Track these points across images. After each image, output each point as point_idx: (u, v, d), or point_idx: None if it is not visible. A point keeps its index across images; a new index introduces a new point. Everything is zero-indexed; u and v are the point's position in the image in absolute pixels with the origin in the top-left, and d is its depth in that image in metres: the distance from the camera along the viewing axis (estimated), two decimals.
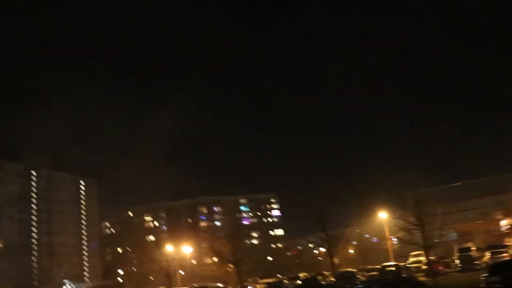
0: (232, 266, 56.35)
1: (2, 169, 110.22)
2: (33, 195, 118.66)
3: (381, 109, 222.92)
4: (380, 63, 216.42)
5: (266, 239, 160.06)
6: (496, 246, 50.65)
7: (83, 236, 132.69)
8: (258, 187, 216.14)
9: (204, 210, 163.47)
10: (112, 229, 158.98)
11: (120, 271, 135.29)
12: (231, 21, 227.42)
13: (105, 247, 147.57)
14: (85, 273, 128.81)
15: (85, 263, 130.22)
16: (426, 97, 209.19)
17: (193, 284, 66.96)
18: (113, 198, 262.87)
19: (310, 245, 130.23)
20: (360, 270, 55.55)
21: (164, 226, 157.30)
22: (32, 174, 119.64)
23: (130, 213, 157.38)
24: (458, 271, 46.99)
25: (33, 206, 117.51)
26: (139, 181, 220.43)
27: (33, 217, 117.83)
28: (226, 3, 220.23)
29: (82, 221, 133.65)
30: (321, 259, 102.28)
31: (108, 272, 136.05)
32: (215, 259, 68.59)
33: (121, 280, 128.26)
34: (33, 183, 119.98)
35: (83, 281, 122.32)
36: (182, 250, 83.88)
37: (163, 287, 73.97)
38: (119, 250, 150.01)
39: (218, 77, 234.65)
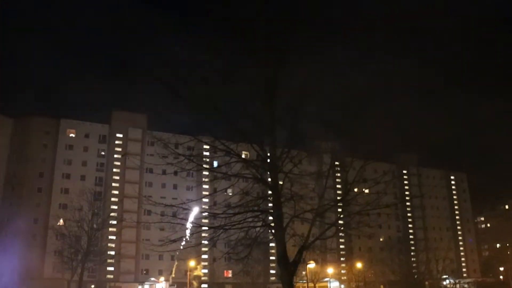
0: None
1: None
2: (406, 192, 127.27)
3: None
4: None
5: None
6: None
7: (458, 231, 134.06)
8: None
9: None
10: (487, 224, 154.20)
11: (501, 268, 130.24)
12: None
13: (482, 242, 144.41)
14: (463, 269, 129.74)
15: (462, 258, 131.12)
16: None
17: None
18: (487, 191, 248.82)
19: None
20: None
21: None
22: (403, 173, 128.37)
23: (506, 206, 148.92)
24: None
25: (408, 203, 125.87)
26: None
27: (409, 214, 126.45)
28: None
29: (456, 216, 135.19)
30: None
31: (487, 268, 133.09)
32: None
33: (501, 278, 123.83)
34: (406, 181, 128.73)
35: (461, 276, 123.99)
36: None
37: None
38: (497, 245, 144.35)
39: None
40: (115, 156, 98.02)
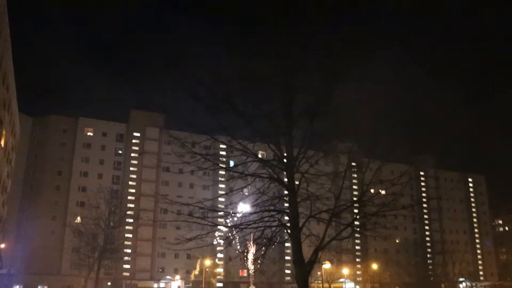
0: None
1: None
2: (423, 194, 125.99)
3: None
4: None
5: None
6: None
7: (475, 234, 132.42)
8: None
9: None
10: (505, 227, 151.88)
11: None
12: None
13: (500, 245, 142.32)
14: (480, 272, 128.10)
15: (479, 261, 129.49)
16: None
17: None
18: (505, 193, 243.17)
19: None
20: None
21: None
22: (420, 175, 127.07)
23: None
24: None
25: (424, 205, 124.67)
26: None
27: (425, 216, 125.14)
28: None
29: (473, 219, 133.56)
30: None
31: (505, 272, 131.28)
32: None
33: None
34: (423, 183, 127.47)
35: (478, 279, 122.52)
36: None
37: None
38: None
39: None
40: (132, 154, 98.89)
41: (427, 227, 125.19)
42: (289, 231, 15.98)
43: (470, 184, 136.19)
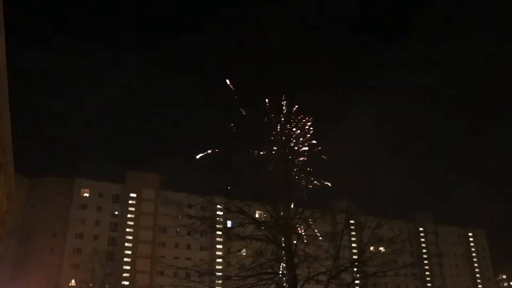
0: None
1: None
2: (424, 250, 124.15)
3: None
4: None
5: None
6: None
7: None
8: None
9: None
10: (510, 282, 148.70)
11: None
12: None
13: None
14: None
15: None
16: None
17: None
18: (508, 247, 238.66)
19: None
20: None
21: None
22: (420, 231, 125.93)
23: None
24: None
25: (425, 261, 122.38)
26: None
27: (427, 272, 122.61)
28: None
29: (476, 275, 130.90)
30: None
31: None
32: None
33: None
34: (422, 239, 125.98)
35: None
36: None
37: None
38: None
39: None
40: (129, 216, 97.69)
41: (429, 284, 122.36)
42: None
43: (471, 239, 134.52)
